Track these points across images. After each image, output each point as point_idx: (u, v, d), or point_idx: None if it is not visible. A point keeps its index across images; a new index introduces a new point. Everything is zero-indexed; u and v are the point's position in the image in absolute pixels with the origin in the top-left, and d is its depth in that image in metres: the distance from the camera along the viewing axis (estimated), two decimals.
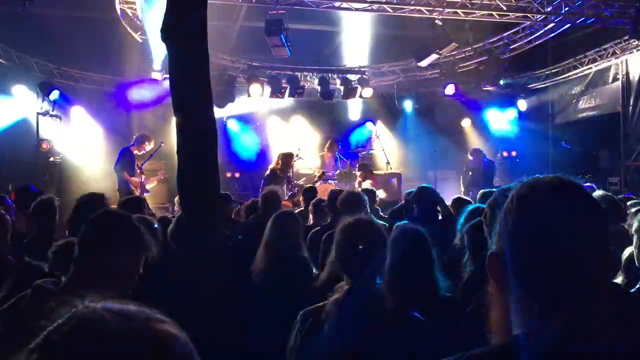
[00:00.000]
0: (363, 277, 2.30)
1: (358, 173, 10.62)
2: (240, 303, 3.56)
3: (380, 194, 10.09)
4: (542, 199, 1.09)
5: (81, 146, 12.56)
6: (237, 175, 14.02)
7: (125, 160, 9.80)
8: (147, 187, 9.95)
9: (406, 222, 4.28)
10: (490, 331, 1.15)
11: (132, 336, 0.75)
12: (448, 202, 5.61)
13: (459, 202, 5.50)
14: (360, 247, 2.33)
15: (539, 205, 1.08)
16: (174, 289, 2.83)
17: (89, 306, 0.78)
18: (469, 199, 6.17)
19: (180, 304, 2.55)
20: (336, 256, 2.41)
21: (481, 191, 5.84)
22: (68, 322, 0.76)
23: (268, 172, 9.89)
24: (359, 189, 10.38)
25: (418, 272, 2.79)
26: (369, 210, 5.19)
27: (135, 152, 10.03)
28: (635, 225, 2.86)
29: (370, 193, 6.44)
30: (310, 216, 5.97)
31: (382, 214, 6.57)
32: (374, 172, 10.71)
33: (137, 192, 9.22)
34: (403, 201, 6.18)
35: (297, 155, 11.32)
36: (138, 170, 9.98)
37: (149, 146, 10.17)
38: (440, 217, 5.24)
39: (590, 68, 12.39)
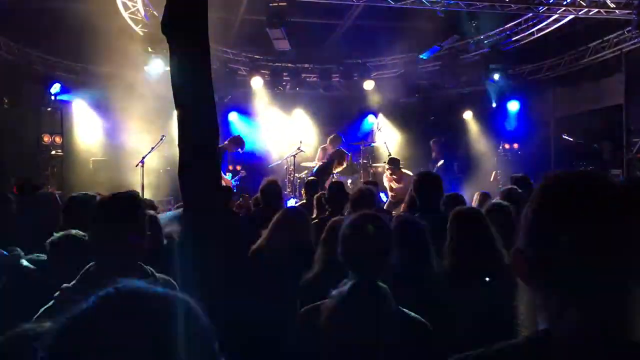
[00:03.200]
0: (369, 273, 2.27)
1: (387, 166, 10.20)
2: (243, 294, 3.56)
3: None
4: (566, 194, 1.07)
5: (83, 139, 12.57)
6: (238, 168, 14.03)
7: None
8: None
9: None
10: (517, 326, 1.15)
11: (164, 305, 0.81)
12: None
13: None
14: (367, 242, 2.28)
15: (562, 200, 1.06)
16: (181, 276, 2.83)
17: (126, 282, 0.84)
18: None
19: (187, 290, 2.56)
20: (341, 252, 2.36)
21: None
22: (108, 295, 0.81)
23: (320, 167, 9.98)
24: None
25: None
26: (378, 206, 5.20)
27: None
28: None
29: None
30: (315, 209, 5.98)
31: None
32: (402, 170, 10.17)
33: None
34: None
35: (298, 149, 11.34)
36: (140, 163, 10.02)
37: (240, 150, 10.41)
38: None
39: (593, 60, 12.33)
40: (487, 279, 2.88)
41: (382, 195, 9.41)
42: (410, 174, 10.16)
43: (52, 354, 0.77)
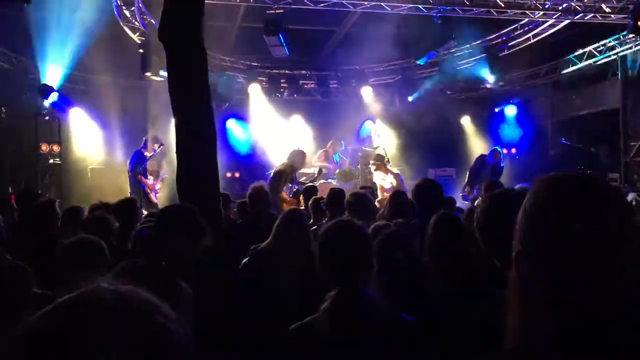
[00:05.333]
0: (349, 283, 2.19)
1: (372, 163, 10.16)
2: (237, 303, 3.55)
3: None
4: (565, 195, 1.05)
5: (80, 148, 12.57)
6: (237, 175, 14.02)
7: (139, 162, 10.18)
8: (157, 187, 10.20)
9: None
10: (506, 334, 1.11)
11: (129, 322, 0.76)
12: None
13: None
14: (344, 251, 2.21)
15: (561, 201, 1.04)
16: None
17: (98, 286, 0.80)
18: None
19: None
20: (320, 262, 2.29)
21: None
22: (72, 299, 0.78)
23: (276, 171, 9.47)
24: (370, 178, 10.24)
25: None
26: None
27: (146, 154, 10.37)
28: None
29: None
30: (311, 215, 5.96)
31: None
32: (387, 166, 10.21)
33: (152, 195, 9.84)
34: None
35: None
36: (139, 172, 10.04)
37: (157, 148, 10.41)
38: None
39: (589, 64, 12.37)
40: None
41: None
42: (397, 171, 10.12)
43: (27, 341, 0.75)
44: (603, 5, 10.12)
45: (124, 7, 10.07)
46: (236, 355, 3.36)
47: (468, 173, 11.14)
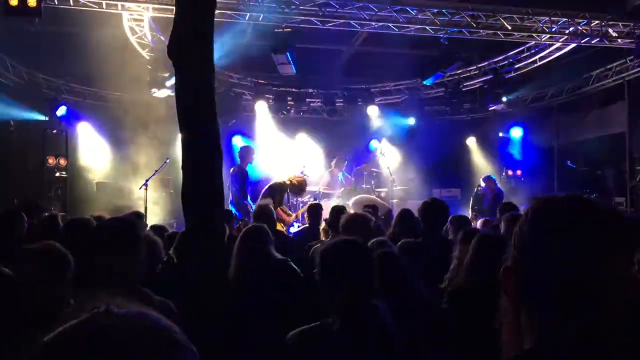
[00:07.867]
0: (350, 300, 2.20)
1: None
2: (238, 315, 3.55)
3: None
4: (558, 211, 1.08)
5: (87, 161, 12.63)
6: None
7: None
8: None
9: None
10: (500, 346, 1.14)
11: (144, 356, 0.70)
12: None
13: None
14: (341, 269, 2.24)
15: (555, 216, 1.07)
16: (177, 300, 2.81)
17: (111, 313, 0.74)
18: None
19: (183, 314, 2.55)
20: (321, 280, 2.31)
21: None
22: (85, 325, 0.72)
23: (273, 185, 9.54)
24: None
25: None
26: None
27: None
28: None
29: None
30: (322, 233, 5.98)
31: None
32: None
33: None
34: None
35: (302, 173, 11.35)
36: (144, 186, 10.01)
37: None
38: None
39: (595, 87, 12.39)
40: None
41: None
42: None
43: None
44: (610, 30, 10.16)
45: (134, 23, 10.18)
46: None
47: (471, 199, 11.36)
